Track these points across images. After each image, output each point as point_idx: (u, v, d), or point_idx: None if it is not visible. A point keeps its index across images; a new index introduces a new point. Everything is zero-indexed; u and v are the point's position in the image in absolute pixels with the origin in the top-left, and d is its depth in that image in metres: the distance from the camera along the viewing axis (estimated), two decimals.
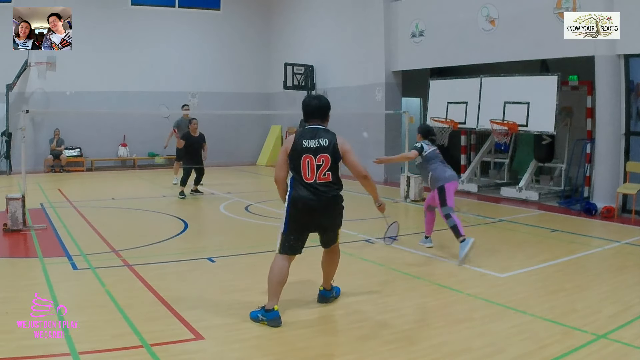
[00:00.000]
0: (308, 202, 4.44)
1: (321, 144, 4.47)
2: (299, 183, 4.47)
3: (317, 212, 4.50)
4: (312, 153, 4.46)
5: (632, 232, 8.19)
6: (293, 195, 4.48)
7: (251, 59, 19.49)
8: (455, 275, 5.88)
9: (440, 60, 13.41)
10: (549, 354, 3.85)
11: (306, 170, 4.45)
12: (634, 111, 9.56)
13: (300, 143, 4.48)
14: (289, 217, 4.52)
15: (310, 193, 4.44)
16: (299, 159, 4.46)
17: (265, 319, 4.38)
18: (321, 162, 4.45)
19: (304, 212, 4.48)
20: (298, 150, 4.47)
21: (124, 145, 17.75)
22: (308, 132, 4.55)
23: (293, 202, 4.48)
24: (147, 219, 9.37)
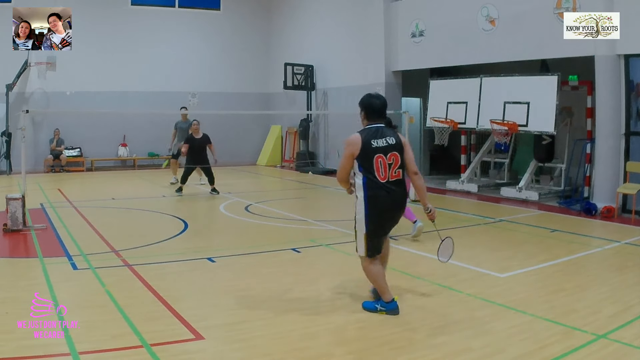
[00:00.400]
0: (386, 201, 4.55)
1: (389, 142, 4.56)
2: (375, 184, 4.51)
3: (393, 210, 4.66)
4: (382, 152, 4.52)
5: (632, 232, 8.18)
6: (370, 195, 4.52)
7: (251, 59, 19.50)
8: (455, 275, 5.87)
9: (440, 60, 13.40)
10: (549, 354, 3.85)
11: (379, 170, 4.51)
12: (634, 111, 9.56)
13: (370, 143, 4.51)
14: (370, 218, 4.55)
15: (386, 193, 4.53)
16: (370, 159, 4.50)
17: (385, 309, 4.60)
18: (392, 161, 4.55)
19: (384, 212, 4.60)
20: (368, 151, 4.50)
21: (124, 145, 17.75)
22: (374, 132, 4.58)
23: (373, 203, 4.53)
24: (147, 219, 9.37)
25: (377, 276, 4.65)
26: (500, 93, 11.48)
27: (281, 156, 19.09)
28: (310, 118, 17.60)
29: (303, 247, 7.02)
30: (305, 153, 17.37)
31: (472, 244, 7.43)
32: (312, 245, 7.19)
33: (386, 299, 4.62)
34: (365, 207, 4.55)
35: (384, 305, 4.61)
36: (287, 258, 6.58)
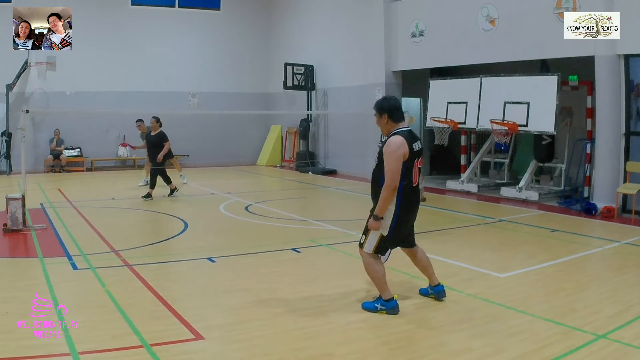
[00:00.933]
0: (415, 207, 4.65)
1: (420, 146, 4.60)
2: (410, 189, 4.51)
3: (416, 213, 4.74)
4: (417, 156, 4.55)
5: (632, 232, 8.18)
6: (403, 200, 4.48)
7: (251, 59, 19.49)
8: (455, 275, 5.87)
9: (440, 60, 13.40)
10: (549, 354, 3.85)
11: (415, 174, 4.54)
12: (634, 111, 9.56)
13: (412, 146, 4.46)
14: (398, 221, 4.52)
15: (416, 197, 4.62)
16: (411, 163, 4.48)
17: (385, 308, 4.60)
18: (420, 165, 4.63)
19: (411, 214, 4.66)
20: (411, 154, 4.45)
21: (124, 145, 17.74)
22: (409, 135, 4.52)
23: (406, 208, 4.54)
24: (147, 219, 9.37)
25: (379, 273, 4.65)
26: (500, 93, 11.48)
27: (281, 156, 19.09)
28: (310, 118, 17.60)
29: (303, 247, 7.03)
30: (305, 153, 17.37)
31: (472, 244, 7.43)
32: (312, 245, 7.19)
33: (385, 297, 4.64)
34: (396, 211, 4.48)
35: (384, 304, 4.62)
36: (287, 258, 6.58)
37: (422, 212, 9.42)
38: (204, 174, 15.56)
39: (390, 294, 4.64)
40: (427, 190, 11.86)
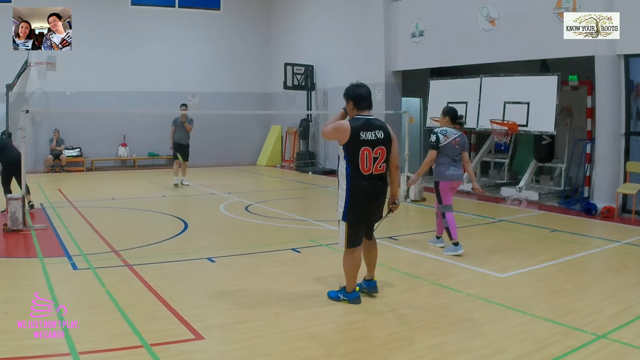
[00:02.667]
0: (367, 193, 4.68)
1: (377, 136, 4.64)
2: (358, 175, 4.62)
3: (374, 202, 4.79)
4: (370, 145, 4.59)
5: (632, 232, 8.18)
6: (352, 185, 4.64)
7: (251, 59, 19.49)
8: (455, 275, 5.88)
9: (440, 60, 13.40)
10: (549, 354, 3.85)
11: (364, 162, 4.60)
12: (634, 111, 9.56)
13: (358, 135, 4.56)
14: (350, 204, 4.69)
15: (368, 184, 4.64)
16: (357, 150, 4.57)
17: (347, 298, 4.84)
18: (377, 155, 4.63)
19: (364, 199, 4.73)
20: (356, 142, 4.57)
21: (124, 145, 17.75)
22: (364, 124, 4.62)
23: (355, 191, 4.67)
24: (147, 219, 9.37)
25: (353, 268, 4.82)
26: (500, 93, 11.48)
27: (281, 156, 19.09)
28: (310, 118, 17.59)
29: (303, 247, 7.02)
30: (305, 153, 17.37)
31: (472, 244, 7.43)
32: (312, 245, 7.19)
33: (348, 289, 4.86)
34: (347, 197, 4.66)
35: (346, 295, 4.85)
36: (287, 258, 6.58)
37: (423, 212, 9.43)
38: (204, 174, 15.55)
39: (354, 287, 4.86)
40: (427, 191, 11.84)
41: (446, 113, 6.76)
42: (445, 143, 6.53)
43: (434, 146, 6.55)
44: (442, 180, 6.60)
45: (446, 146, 6.53)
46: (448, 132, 6.58)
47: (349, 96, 4.76)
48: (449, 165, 6.57)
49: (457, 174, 6.63)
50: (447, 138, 6.53)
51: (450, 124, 6.70)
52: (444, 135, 6.55)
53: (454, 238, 6.54)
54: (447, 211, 6.58)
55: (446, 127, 6.67)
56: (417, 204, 10.70)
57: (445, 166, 6.57)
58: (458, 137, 6.62)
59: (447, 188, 6.61)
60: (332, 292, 4.99)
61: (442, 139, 6.54)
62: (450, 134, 6.58)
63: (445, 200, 6.61)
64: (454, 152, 6.57)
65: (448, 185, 6.62)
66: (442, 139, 6.54)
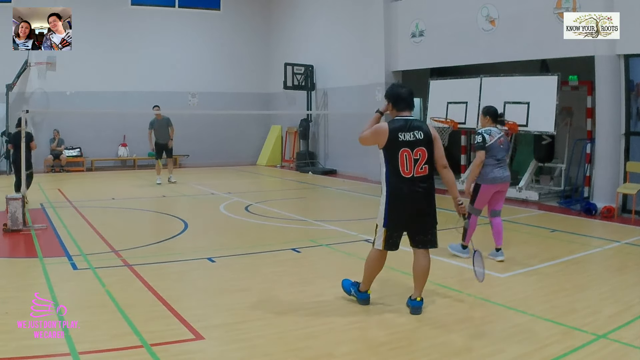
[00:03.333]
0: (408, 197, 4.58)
1: (417, 137, 4.50)
2: (398, 178, 4.50)
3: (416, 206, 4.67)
4: (409, 146, 4.47)
5: (632, 232, 8.18)
6: (392, 190, 4.56)
7: (251, 59, 19.49)
8: (455, 275, 5.88)
9: (440, 60, 13.40)
10: (549, 354, 3.85)
11: (404, 165, 4.47)
12: (634, 111, 9.56)
13: (397, 136, 4.45)
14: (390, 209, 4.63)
15: (409, 188, 4.52)
16: (396, 153, 4.45)
17: (357, 296, 4.83)
18: (418, 156, 4.49)
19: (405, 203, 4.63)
20: (395, 143, 4.45)
21: (124, 145, 17.75)
22: (403, 124, 4.52)
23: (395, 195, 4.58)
24: (147, 219, 9.37)
25: (374, 269, 4.77)
26: (500, 93, 11.46)
27: (281, 156, 19.09)
28: (310, 118, 17.59)
29: (303, 247, 7.02)
30: (305, 153, 17.37)
31: None
32: (312, 245, 7.19)
33: (362, 288, 4.83)
34: (386, 201, 4.54)
35: (357, 293, 4.85)
36: (287, 258, 6.58)
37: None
38: (204, 174, 15.56)
39: (368, 289, 4.83)
40: None
41: (486, 112, 6.44)
42: (490, 143, 6.18)
43: (481, 146, 6.15)
44: (485, 183, 6.20)
45: (491, 146, 6.18)
46: (492, 132, 6.25)
47: (389, 95, 4.68)
48: (493, 166, 6.18)
49: (501, 176, 6.22)
50: (492, 138, 6.20)
51: (492, 124, 6.38)
52: (489, 135, 6.21)
53: (466, 242, 6.35)
54: (475, 214, 6.25)
55: (489, 127, 6.34)
56: None
57: (489, 167, 6.17)
58: (502, 136, 6.31)
59: (488, 191, 6.21)
60: (347, 281, 4.94)
61: (488, 138, 6.18)
62: (495, 133, 6.26)
63: (478, 203, 6.24)
64: (499, 153, 6.22)
65: (491, 189, 6.21)
66: (488, 139, 6.18)
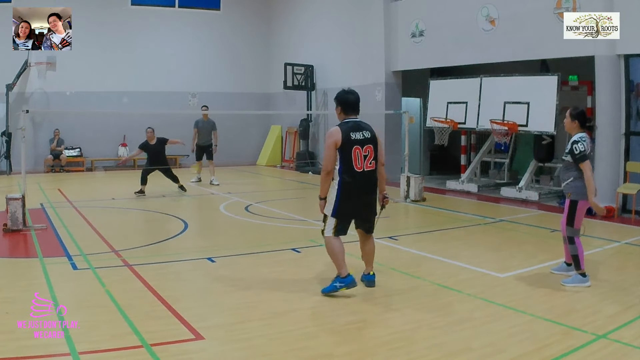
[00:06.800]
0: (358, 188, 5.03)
1: (365, 135, 5.05)
2: (351, 172, 4.97)
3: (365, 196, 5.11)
4: (360, 144, 4.99)
5: (632, 232, 8.19)
6: (344, 182, 4.98)
7: (251, 59, 19.49)
8: (455, 275, 5.88)
9: (440, 60, 13.40)
10: (549, 354, 3.85)
11: (356, 160, 4.98)
12: (634, 111, 9.56)
13: (349, 135, 4.96)
14: (340, 202, 5.03)
15: (359, 180, 4.99)
16: (349, 150, 4.95)
17: (343, 284, 5.02)
18: (367, 153, 5.03)
19: (354, 196, 5.05)
20: (348, 142, 4.95)
21: (124, 145, 17.74)
22: (352, 126, 5.04)
23: (347, 189, 5.00)
24: (147, 219, 9.36)
25: (338, 252, 5.08)
26: (500, 93, 11.47)
27: (281, 156, 19.09)
28: (310, 118, 17.59)
29: (303, 247, 7.02)
30: (305, 153, 17.37)
31: (472, 244, 7.44)
32: (312, 245, 7.18)
33: (342, 274, 5.05)
34: (338, 192, 5.00)
35: (342, 281, 5.03)
36: (287, 258, 6.58)
37: (423, 212, 9.44)
38: (204, 174, 15.54)
39: (347, 271, 5.05)
40: (427, 190, 11.85)
41: (576, 116, 5.58)
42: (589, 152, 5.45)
43: (585, 156, 5.37)
44: (584, 199, 5.45)
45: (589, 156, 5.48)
46: (587, 139, 5.51)
47: (338, 100, 5.19)
48: None
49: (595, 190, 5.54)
50: (589, 146, 5.48)
51: (580, 129, 5.57)
52: (587, 143, 5.47)
53: (582, 268, 5.50)
54: (577, 236, 5.55)
55: (580, 133, 5.54)
56: (417, 204, 10.70)
57: (583, 180, 5.43)
58: (592, 143, 5.65)
59: (585, 207, 5.52)
60: (326, 287, 5.12)
61: (588, 146, 5.43)
62: (588, 140, 5.52)
63: (577, 222, 5.52)
64: (592, 162, 5.55)
65: (587, 205, 5.51)
66: (588, 147, 5.43)
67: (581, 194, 5.45)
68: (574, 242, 5.50)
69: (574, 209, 5.51)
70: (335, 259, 5.11)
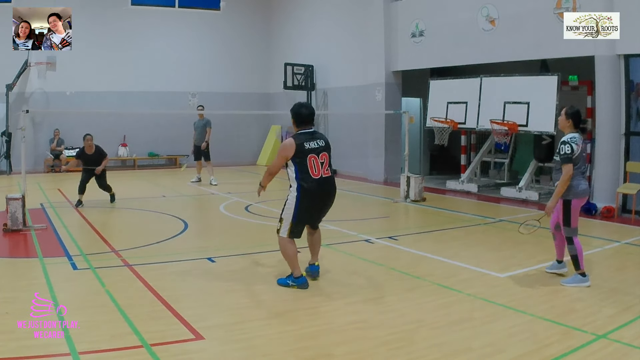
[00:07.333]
0: (316, 195, 5.28)
1: (319, 144, 5.36)
2: (308, 179, 5.20)
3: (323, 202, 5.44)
4: (315, 152, 5.26)
5: (632, 232, 8.19)
6: (303, 189, 5.21)
7: (251, 59, 19.49)
8: (455, 275, 5.88)
9: (440, 60, 13.40)
10: (549, 354, 3.85)
11: (313, 168, 5.22)
12: (634, 111, 9.56)
13: (303, 145, 5.23)
14: (300, 209, 5.26)
15: (318, 187, 5.24)
16: (304, 158, 5.21)
17: (295, 283, 5.30)
18: (323, 160, 5.32)
19: (313, 203, 5.33)
20: (302, 151, 5.22)
21: (124, 145, 17.75)
22: (307, 135, 5.36)
23: (307, 198, 5.23)
24: (147, 219, 9.36)
25: (292, 254, 5.34)
26: (500, 93, 11.47)
27: None
28: None
29: (303, 247, 7.01)
30: None
31: (472, 244, 7.44)
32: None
33: (296, 274, 5.33)
34: (297, 200, 5.22)
35: (294, 281, 5.33)
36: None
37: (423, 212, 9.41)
38: (204, 174, 15.54)
39: (300, 272, 5.35)
40: (427, 190, 11.85)
41: (571, 115, 5.72)
42: (578, 153, 5.49)
43: (569, 158, 5.42)
44: (577, 198, 5.47)
45: (578, 156, 5.50)
46: (577, 139, 5.57)
47: (292, 115, 5.57)
48: (580, 178, 5.52)
49: (588, 188, 5.62)
50: (579, 147, 5.52)
51: (574, 129, 5.68)
52: (577, 144, 5.52)
53: (581, 268, 5.48)
54: (575, 236, 5.50)
55: (572, 133, 5.66)
56: (417, 204, 10.70)
57: (577, 179, 5.47)
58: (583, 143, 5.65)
59: (579, 206, 5.55)
60: (281, 279, 5.45)
61: (576, 148, 5.49)
62: (579, 141, 5.58)
63: (574, 221, 5.47)
64: (583, 162, 5.57)
65: (580, 203, 5.55)
66: (576, 149, 5.49)
67: (573, 193, 5.44)
68: (573, 242, 5.46)
69: (569, 208, 5.48)
70: (288, 260, 5.34)
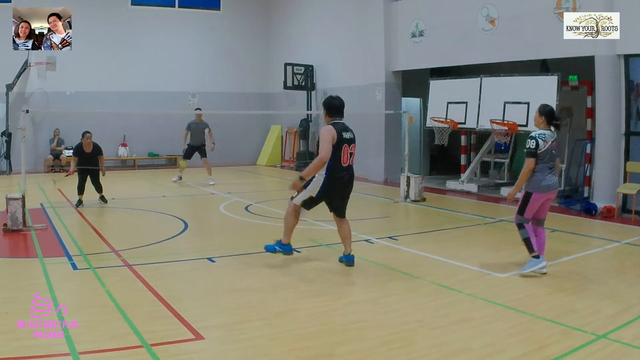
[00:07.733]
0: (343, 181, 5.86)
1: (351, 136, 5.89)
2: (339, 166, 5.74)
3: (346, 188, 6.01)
4: (348, 143, 5.79)
5: (632, 232, 8.18)
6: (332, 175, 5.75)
7: (251, 59, 19.48)
8: (455, 275, 5.88)
9: (440, 60, 13.40)
10: (549, 354, 3.85)
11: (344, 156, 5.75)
12: (634, 111, 9.56)
13: (341, 134, 5.71)
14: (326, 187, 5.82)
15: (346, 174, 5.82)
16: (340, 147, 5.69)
17: (281, 250, 5.96)
18: (353, 150, 5.87)
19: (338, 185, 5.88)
20: (340, 140, 5.69)
21: (124, 145, 17.75)
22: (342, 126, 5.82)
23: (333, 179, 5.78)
24: (147, 219, 9.36)
25: (292, 224, 6.00)
26: (500, 93, 11.47)
27: (281, 156, 19.09)
28: (310, 118, 17.59)
29: (303, 247, 7.02)
30: (305, 153, 17.35)
31: (472, 244, 7.44)
32: (312, 245, 7.19)
33: (284, 241, 5.97)
34: (325, 181, 5.75)
35: (281, 247, 5.97)
36: (287, 258, 6.57)
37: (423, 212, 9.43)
38: (204, 174, 15.55)
39: (289, 241, 5.98)
40: (427, 190, 11.85)
41: (544, 112, 5.91)
42: (544, 149, 5.71)
43: (532, 153, 5.69)
44: (537, 192, 5.73)
45: (545, 152, 5.71)
46: (546, 136, 5.77)
47: (325, 106, 5.97)
48: (546, 173, 5.73)
49: (553, 183, 5.81)
50: (546, 143, 5.72)
51: (547, 126, 5.89)
52: (544, 140, 5.72)
53: (535, 250, 5.74)
54: (527, 223, 5.79)
55: (543, 130, 5.86)
56: (417, 204, 10.70)
57: (542, 174, 5.71)
58: (554, 140, 5.87)
59: (539, 200, 5.78)
60: (268, 245, 6.05)
61: (542, 144, 5.70)
62: (549, 137, 5.78)
63: (528, 212, 5.77)
64: (551, 158, 5.80)
65: (542, 197, 5.78)
66: (542, 144, 5.70)
67: (534, 187, 5.77)
68: (524, 227, 5.82)
69: (527, 200, 5.83)
70: (287, 226, 5.96)
